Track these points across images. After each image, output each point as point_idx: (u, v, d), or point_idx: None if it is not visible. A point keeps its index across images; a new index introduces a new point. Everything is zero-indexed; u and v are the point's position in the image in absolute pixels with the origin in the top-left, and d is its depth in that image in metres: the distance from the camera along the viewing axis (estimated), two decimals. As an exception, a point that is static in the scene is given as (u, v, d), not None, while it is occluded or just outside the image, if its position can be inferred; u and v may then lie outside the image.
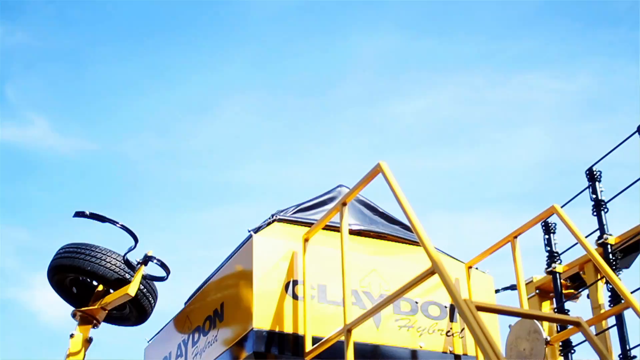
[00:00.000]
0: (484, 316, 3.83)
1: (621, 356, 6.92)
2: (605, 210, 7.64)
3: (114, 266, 7.26)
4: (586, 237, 5.83)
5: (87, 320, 7.47)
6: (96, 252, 7.34)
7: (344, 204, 5.07)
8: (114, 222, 7.35)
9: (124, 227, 7.30)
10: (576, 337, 7.49)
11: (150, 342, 7.22)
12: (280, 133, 23.42)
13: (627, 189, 7.44)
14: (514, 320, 5.12)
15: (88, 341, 7.47)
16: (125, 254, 7.26)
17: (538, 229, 8.29)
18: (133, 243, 7.27)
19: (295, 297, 5.34)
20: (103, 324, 7.64)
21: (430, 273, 4.18)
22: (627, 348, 6.93)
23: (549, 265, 8.06)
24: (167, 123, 24.38)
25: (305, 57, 22.87)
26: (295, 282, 5.38)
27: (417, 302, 5.64)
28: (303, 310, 5.27)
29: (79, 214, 7.38)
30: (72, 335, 7.40)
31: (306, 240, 5.44)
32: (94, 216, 7.37)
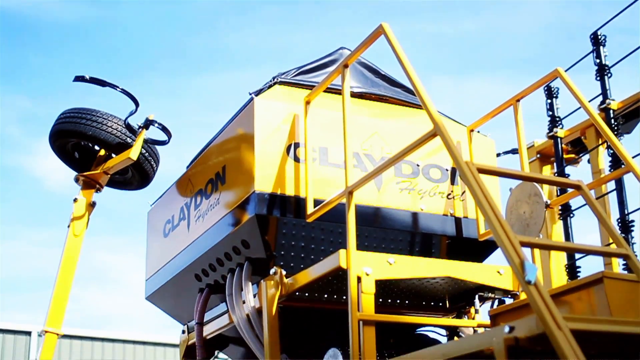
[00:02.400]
0: (484, 179, 3.83)
1: (619, 220, 7.00)
2: (609, 75, 7.59)
3: (115, 130, 7.27)
4: (589, 101, 5.79)
5: (90, 184, 7.55)
6: (97, 116, 7.34)
7: (346, 66, 5.01)
8: (114, 86, 7.32)
9: (124, 91, 7.27)
10: (575, 202, 7.57)
11: (153, 205, 7.28)
12: (281, -3, 23.07)
13: (631, 54, 7.37)
14: (514, 184, 5.13)
15: (91, 205, 7.57)
16: (126, 118, 7.26)
17: (541, 94, 8.27)
18: (134, 107, 7.26)
19: (296, 159, 5.34)
20: (106, 189, 7.72)
21: (432, 135, 4.16)
22: (626, 212, 7.00)
23: (550, 129, 8.07)
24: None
25: None
26: (296, 145, 5.37)
27: (418, 165, 5.65)
28: (304, 172, 5.28)
29: (79, 79, 7.34)
30: (75, 200, 7.49)
31: (307, 102, 5.41)
32: (94, 80, 7.33)
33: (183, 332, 6.92)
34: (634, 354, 3.90)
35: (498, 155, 7.72)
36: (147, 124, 7.17)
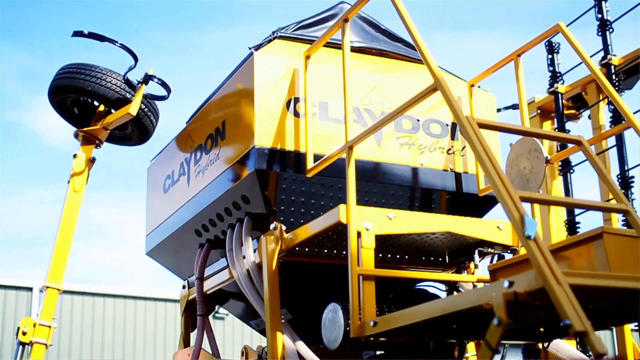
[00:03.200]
0: (485, 134, 3.82)
1: (620, 176, 7.00)
2: (611, 30, 7.55)
3: (114, 86, 7.24)
4: (590, 57, 5.76)
5: (89, 140, 7.54)
6: (96, 72, 7.31)
7: (346, 20, 4.97)
8: (113, 41, 7.27)
9: (123, 46, 7.23)
10: (575, 158, 7.56)
11: (152, 161, 7.28)
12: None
13: (633, 9, 7.32)
14: (514, 139, 5.12)
15: (91, 161, 7.56)
16: (126, 73, 7.22)
17: (542, 49, 8.22)
18: (133, 62, 7.22)
19: (296, 114, 5.32)
20: (106, 144, 7.71)
21: (432, 90, 4.15)
22: (626, 168, 7.00)
23: (551, 85, 8.03)
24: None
25: None
26: (296, 100, 5.35)
27: (418, 120, 5.63)
28: (304, 127, 5.26)
29: (78, 34, 7.30)
30: (75, 156, 7.49)
31: (307, 57, 5.38)
32: (93, 35, 7.28)
33: (183, 287, 6.96)
34: (632, 309, 3.92)
35: (498, 110, 7.71)
36: (147, 79, 7.14)
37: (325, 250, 5.30)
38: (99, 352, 17.33)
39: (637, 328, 7.02)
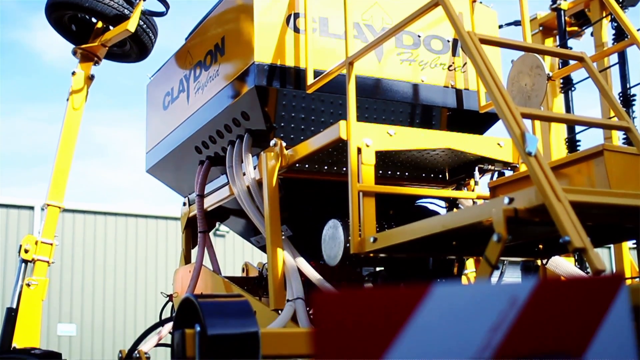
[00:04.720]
0: (486, 50, 3.79)
1: (621, 94, 6.96)
2: (616, -56, 7.43)
3: (112, 2, 7.17)
4: (594, -28, 5.69)
5: (88, 57, 7.50)
6: (93, -13, 7.22)
7: None
8: (110, -44, 7.17)
9: (120, -39, 7.13)
10: (577, 76, 7.51)
11: (152, 78, 7.23)
12: None
13: None
14: (516, 56, 5.07)
15: (90, 78, 7.54)
16: (123, -11, 7.14)
17: (546, -36, 8.11)
18: (131, -22, 7.13)
19: (296, 30, 5.27)
20: (104, 61, 7.66)
21: (433, 5, 4.10)
22: (628, 86, 6.96)
23: (553, 1, 7.94)
24: None
25: None
26: (296, 15, 5.28)
27: (419, 36, 5.58)
28: (304, 43, 5.21)
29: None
30: (74, 73, 7.45)
31: (307, -28, 5.31)
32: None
33: (184, 204, 6.98)
34: (631, 227, 3.94)
35: (500, 27, 7.62)
36: (145, -6, 7.06)
37: (326, 167, 5.30)
38: (100, 269, 17.50)
39: (635, 246, 7.06)
